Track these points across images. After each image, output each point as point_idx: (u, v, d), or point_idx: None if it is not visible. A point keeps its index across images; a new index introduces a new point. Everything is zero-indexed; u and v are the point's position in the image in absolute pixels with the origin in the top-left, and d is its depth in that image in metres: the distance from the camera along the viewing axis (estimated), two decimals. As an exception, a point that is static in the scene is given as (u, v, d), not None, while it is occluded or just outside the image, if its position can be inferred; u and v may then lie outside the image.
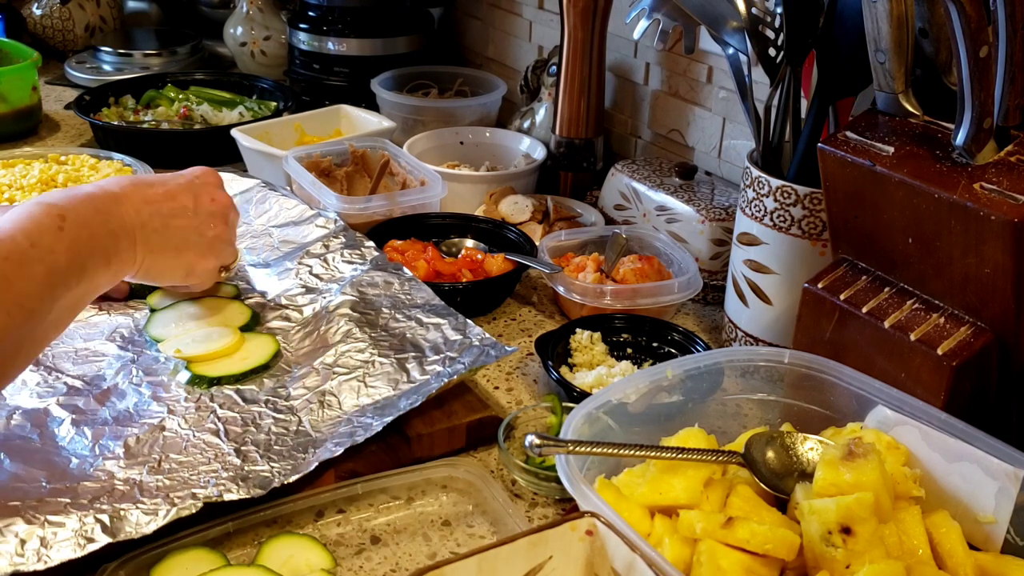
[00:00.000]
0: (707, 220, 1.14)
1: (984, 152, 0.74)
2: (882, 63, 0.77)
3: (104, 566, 0.70)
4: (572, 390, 0.92)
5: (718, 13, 0.95)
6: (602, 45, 1.30)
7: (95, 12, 2.01)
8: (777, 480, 0.71)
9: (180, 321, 0.98)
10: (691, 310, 1.15)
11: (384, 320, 0.95)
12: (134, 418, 0.84)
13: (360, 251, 1.07)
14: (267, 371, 0.91)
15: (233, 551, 0.75)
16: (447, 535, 0.79)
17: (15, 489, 0.75)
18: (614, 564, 0.60)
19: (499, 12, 1.68)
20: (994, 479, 0.67)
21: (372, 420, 0.83)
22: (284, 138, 1.42)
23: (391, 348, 0.91)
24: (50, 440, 0.81)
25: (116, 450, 0.80)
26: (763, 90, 0.98)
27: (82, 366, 0.92)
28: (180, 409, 0.86)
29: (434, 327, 0.94)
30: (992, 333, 0.74)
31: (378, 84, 1.53)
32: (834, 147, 0.79)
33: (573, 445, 0.69)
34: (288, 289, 1.03)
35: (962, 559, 0.66)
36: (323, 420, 0.85)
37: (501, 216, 1.27)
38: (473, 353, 0.89)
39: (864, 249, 0.82)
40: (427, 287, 1.01)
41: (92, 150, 1.44)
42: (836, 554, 0.62)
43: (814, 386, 0.78)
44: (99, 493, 0.75)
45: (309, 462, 0.78)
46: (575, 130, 1.33)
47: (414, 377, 0.88)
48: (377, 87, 1.52)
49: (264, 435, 0.83)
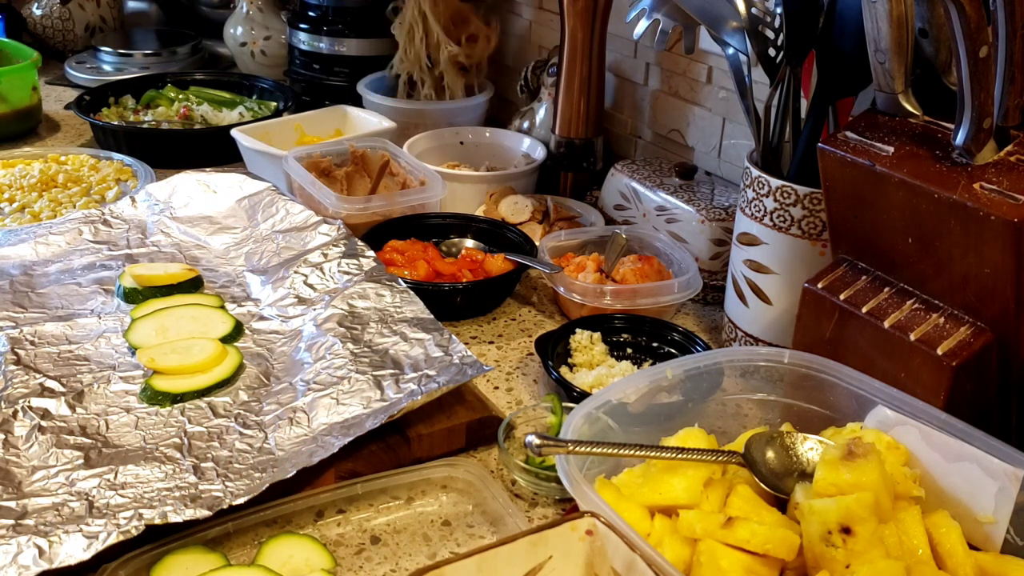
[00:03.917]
0: (707, 220, 1.14)
1: (984, 152, 0.74)
2: (882, 63, 0.77)
3: (104, 566, 0.70)
4: (572, 390, 0.92)
5: (718, 13, 0.95)
6: (602, 45, 1.30)
7: (95, 12, 2.02)
8: (777, 480, 0.71)
9: (160, 330, 0.97)
10: (691, 310, 1.15)
11: (369, 335, 0.95)
12: (101, 428, 0.84)
13: (358, 261, 1.06)
14: (231, 385, 0.91)
15: (233, 551, 0.75)
16: (447, 535, 0.79)
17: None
18: (614, 564, 0.60)
19: (499, 12, 1.68)
20: (994, 479, 0.67)
21: (335, 440, 0.82)
22: (284, 138, 1.42)
23: (370, 364, 0.90)
24: (12, 446, 0.81)
25: (76, 461, 0.80)
26: (763, 90, 0.98)
27: (61, 368, 0.92)
28: (149, 421, 0.85)
29: (418, 343, 0.93)
30: (992, 333, 0.74)
31: (364, 86, 1.54)
32: (834, 147, 0.79)
33: (573, 445, 0.69)
34: (280, 299, 1.03)
35: (962, 559, 0.66)
36: (289, 438, 0.83)
37: (501, 216, 1.27)
38: (451, 372, 0.88)
39: (864, 249, 0.82)
40: (420, 300, 1.00)
41: (92, 150, 1.44)
42: (836, 554, 0.62)
43: (814, 386, 0.78)
44: (47, 511, 0.74)
45: (262, 483, 0.77)
46: (575, 130, 1.33)
47: (387, 395, 0.86)
48: (363, 88, 1.53)
49: (227, 451, 0.82)
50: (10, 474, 0.78)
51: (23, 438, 0.82)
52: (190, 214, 1.20)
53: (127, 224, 1.18)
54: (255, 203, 1.20)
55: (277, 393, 0.90)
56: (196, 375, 0.91)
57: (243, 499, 0.76)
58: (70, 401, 0.87)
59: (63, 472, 0.78)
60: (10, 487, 0.77)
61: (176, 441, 0.83)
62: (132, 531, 0.72)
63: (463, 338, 1.08)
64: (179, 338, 0.96)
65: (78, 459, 0.80)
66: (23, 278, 1.06)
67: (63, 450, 0.81)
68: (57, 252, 1.12)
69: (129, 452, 0.81)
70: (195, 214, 1.20)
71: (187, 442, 0.83)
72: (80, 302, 1.03)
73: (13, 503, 0.75)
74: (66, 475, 0.78)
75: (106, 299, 1.04)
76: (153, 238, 1.16)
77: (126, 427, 0.85)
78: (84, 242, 1.14)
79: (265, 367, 0.94)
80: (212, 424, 0.85)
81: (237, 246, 1.15)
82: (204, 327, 0.98)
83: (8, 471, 0.78)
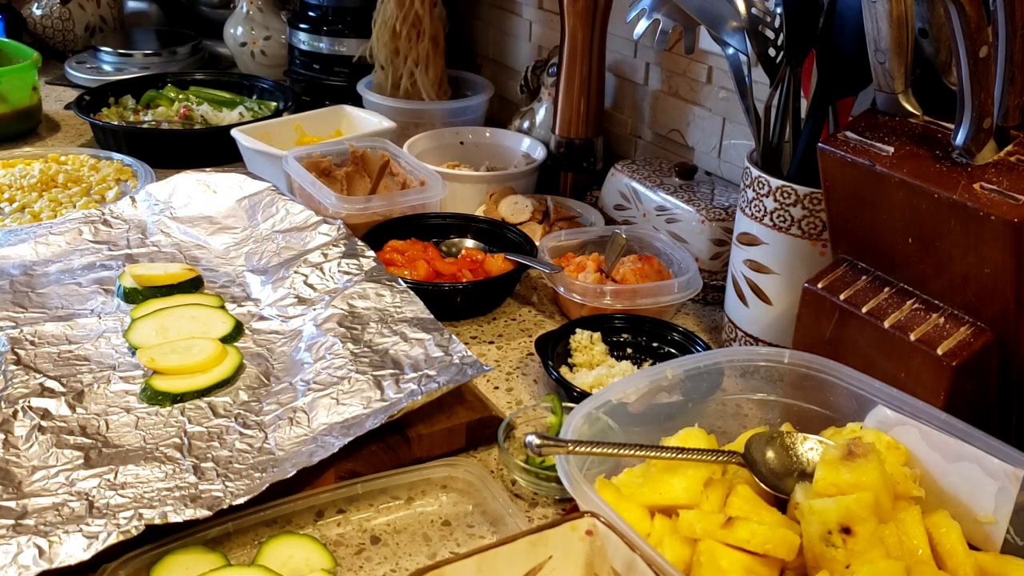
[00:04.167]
0: (707, 220, 1.14)
1: (984, 152, 0.74)
2: (882, 63, 0.77)
3: (104, 566, 0.70)
4: (572, 390, 0.92)
5: (718, 13, 0.95)
6: (602, 45, 1.30)
7: (95, 12, 2.02)
8: (777, 480, 0.71)
9: (160, 330, 0.97)
10: (691, 310, 1.15)
11: (369, 335, 0.95)
12: (101, 428, 0.84)
13: (358, 261, 1.06)
14: (231, 385, 0.91)
15: (233, 551, 0.75)
16: (447, 535, 0.79)
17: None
18: (614, 564, 0.60)
19: (499, 12, 1.68)
20: (994, 479, 0.67)
21: (335, 440, 0.82)
22: (284, 138, 1.42)
23: (370, 364, 0.90)
24: (12, 446, 0.81)
25: (76, 461, 0.80)
26: (763, 90, 0.98)
27: (61, 368, 0.92)
28: (149, 421, 0.85)
29: (418, 343, 0.93)
30: (992, 333, 0.74)
31: (364, 86, 1.54)
32: (834, 147, 0.79)
33: (573, 445, 0.69)
34: (280, 299, 1.03)
35: (962, 559, 0.66)
36: (289, 438, 0.83)
37: (501, 216, 1.27)
38: (451, 372, 0.88)
39: (864, 249, 0.82)
40: (420, 300, 1.00)
41: (92, 150, 1.44)
42: (836, 554, 0.62)
43: (814, 386, 0.78)
44: (47, 511, 0.74)
45: (263, 482, 0.77)
46: (575, 130, 1.33)
47: (387, 395, 0.86)
48: (363, 88, 1.53)
49: (227, 451, 0.82)
50: (10, 474, 0.78)
51: (23, 438, 0.82)
52: (190, 214, 1.20)
53: (127, 224, 1.18)
54: (255, 203, 1.20)
55: (277, 393, 0.90)
56: (196, 375, 0.91)
57: (243, 499, 0.76)
58: (70, 401, 0.87)
59: (63, 472, 0.78)
60: (10, 487, 0.77)
61: (176, 441, 0.83)
62: (132, 531, 0.72)
63: (463, 338, 1.08)
64: (179, 338, 0.96)
65: (78, 459, 0.80)
66: (23, 278, 1.06)
67: (63, 450, 0.81)
68: (57, 252, 1.12)
69: (129, 452, 0.81)
70: (195, 214, 1.20)
71: (187, 442, 0.83)
72: (80, 302, 1.03)
73: (13, 503, 0.75)
74: (66, 475, 0.78)
75: (106, 299, 1.04)
76: (153, 238, 1.16)
77: (126, 427, 0.85)
78: (84, 242, 1.14)
79: (265, 367, 0.94)
80: (212, 424, 0.85)
81: (237, 246, 1.15)
82: (204, 327, 0.98)
83: (8, 471, 0.78)
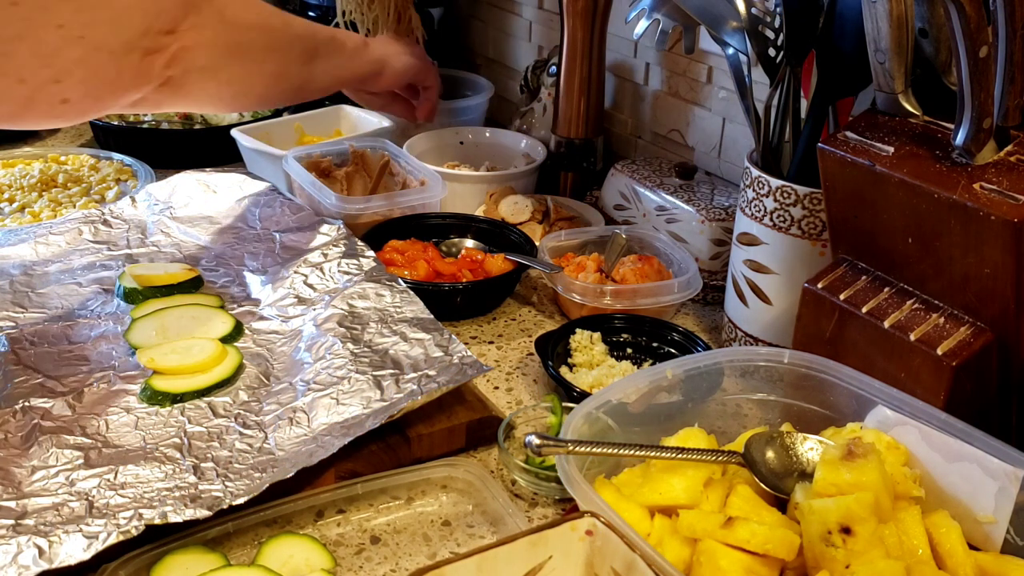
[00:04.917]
0: (707, 220, 1.14)
1: (984, 152, 0.74)
2: (882, 63, 0.77)
3: (104, 566, 0.70)
4: (572, 390, 0.92)
5: (718, 13, 0.95)
6: (602, 45, 1.30)
7: (95, 12, 2.01)
8: (777, 480, 0.71)
9: (160, 330, 0.97)
10: (691, 310, 1.15)
11: (369, 335, 0.94)
12: (101, 428, 0.84)
13: (358, 261, 1.06)
14: (231, 385, 0.91)
15: (233, 551, 0.75)
16: (447, 535, 0.79)
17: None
18: (614, 564, 0.60)
19: (499, 12, 1.68)
20: (994, 479, 0.67)
21: (335, 440, 0.82)
22: (284, 138, 1.42)
23: (370, 364, 0.90)
24: (12, 446, 0.81)
25: (76, 461, 0.80)
26: (763, 90, 0.98)
27: (61, 368, 0.92)
28: (149, 421, 0.85)
29: (418, 343, 0.93)
30: (992, 333, 0.74)
31: None
32: (834, 147, 0.79)
33: (573, 445, 0.69)
34: (280, 299, 1.03)
35: (962, 559, 0.66)
36: (289, 438, 0.83)
37: (501, 216, 1.27)
38: (451, 372, 0.88)
39: (864, 249, 0.82)
40: (420, 300, 1.00)
41: (92, 150, 1.44)
42: (836, 554, 0.62)
43: (814, 386, 0.78)
44: (47, 511, 0.74)
45: (263, 483, 0.77)
46: (575, 130, 1.33)
47: (388, 395, 0.86)
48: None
49: (227, 451, 0.82)
50: (10, 474, 0.78)
51: (23, 438, 0.82)
52: (190, 214, 1.20)
53: (127, 224, 1.18)
54: (255, 203, 1.20)
55: (277, 393, 0.90)
56: (196, 375, 0.91)
57: (243, 499, 0.75)
58: (70, 401, 0.87)
59: (63, 472, 0.78)
60: (10, 487, 0.77)
61: (176, 441, 0.83)
62: (132, 531, 0.72)
63: (463, 338, 1.08)
64: (179, 338, 0.96)
65: (78, 459, 0.80)
66: (23, 278, 1.06)
67: (63, 450, 0.81)
68: (57, 252, 1.12)
69: (129, 452, 0.81)
70: (195, 214, 1.20)
71: (187, 442, 0.83)
72: (80, 302, 1.03)
73: (13, 503, 0.75)
74: (66, 475, 0.78)
75: (106, 299, 1.04)
76: (153, 238, 1.16)
77: (126, 427, 0.85)
78: (84, 242, 1.14)
79: (265, 367, 0.94)
80: (212, 424, 0.85)
81: (237, 246, 1.15)
82: (204, 327, 0.98)
83: (8, 471, 0.78)
